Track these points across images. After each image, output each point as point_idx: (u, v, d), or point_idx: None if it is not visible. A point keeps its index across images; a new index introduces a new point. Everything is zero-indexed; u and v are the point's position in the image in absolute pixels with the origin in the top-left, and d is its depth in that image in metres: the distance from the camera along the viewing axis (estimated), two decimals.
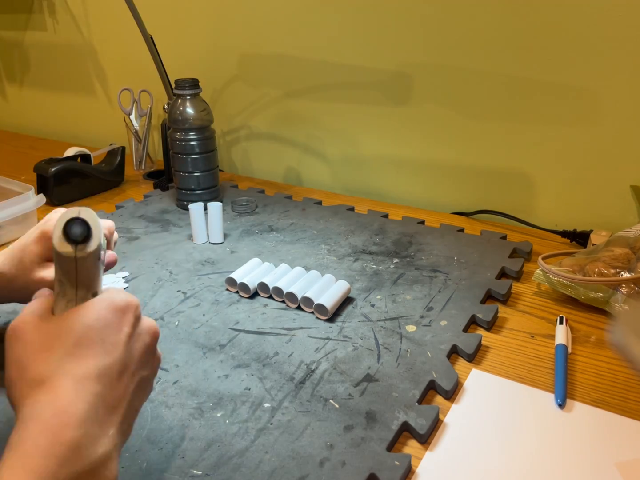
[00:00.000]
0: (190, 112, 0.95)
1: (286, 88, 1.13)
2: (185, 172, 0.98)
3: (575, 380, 0.59)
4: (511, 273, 0.78)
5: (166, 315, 0.69)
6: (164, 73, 1.03)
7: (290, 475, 0.47)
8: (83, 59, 1.41)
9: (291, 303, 0.71)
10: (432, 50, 0.95)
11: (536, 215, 0.96)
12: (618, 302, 0.67)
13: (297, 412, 0.53)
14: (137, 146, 1.22)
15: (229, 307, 0.71)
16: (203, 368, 0.60)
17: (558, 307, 0.72)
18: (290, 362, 0.60)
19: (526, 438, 0.51)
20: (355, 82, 1.05)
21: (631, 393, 0.57)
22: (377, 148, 1.08)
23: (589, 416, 0.54)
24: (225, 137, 1.26)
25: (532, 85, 0.89)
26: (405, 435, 0.52)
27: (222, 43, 1.16)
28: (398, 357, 0.61)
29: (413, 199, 1.07)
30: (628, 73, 0.82)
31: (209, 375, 0.58)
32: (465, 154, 0.99)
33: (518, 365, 0.61)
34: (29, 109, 1.62)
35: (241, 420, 0.53)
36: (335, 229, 0.92)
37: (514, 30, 0.87)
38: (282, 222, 0.95)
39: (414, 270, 0.78)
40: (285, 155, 1.20)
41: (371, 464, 0.47)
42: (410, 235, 0.89)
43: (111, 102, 1.42)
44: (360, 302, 0.71)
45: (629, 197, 0.88)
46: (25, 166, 1.26)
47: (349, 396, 0.55)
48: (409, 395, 0.55)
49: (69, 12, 1.37)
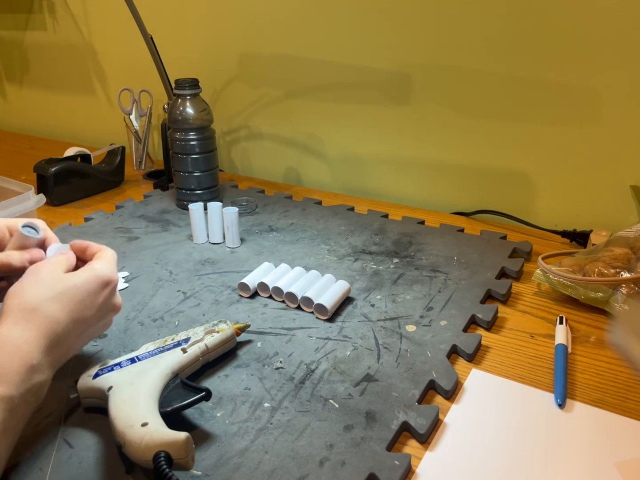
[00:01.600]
0: (191, 112, 0.95)
1: (286, 88, 1.13)
2: (185, 172, 0.98)
3: (575, 380, 0.59)
4: (511, 273, 0.78)
5: (166, 315, 0.69)
6: (164, 73, 1.03)
7: (290, 475, 0.47)
8: (83, 59, 1.41)
9: (291, 303, 0.71)
10: (432, 50, 0.95)
11: (536, 215, 0.96)
12: (618, 302, 0.67)
13: (297, 412, 0.53)
14: (137, 146, 1.22)
15: (228, 307, 0.71)
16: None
17: (558, 307, 0.72)
18: (290, 362, 0.60)
19: (526, 438, 0.51)
20: (355, 82, 1.05)
21: (631, 393, 0.57)
22: (376, 148, 1.08)
23: (589, 416, 0.54)
24: (225, 137, 1.25)
25: (532, 85, 0.89)
26: (405, 435, 0.52)
27: (222, 43, 1.16)
28: (398, 357, 0.61)
29: (412, 198, 1.07)
30: (628, 73, 0.82)
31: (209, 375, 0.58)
32: (465, 154, 0.99)
33: (518, 365, 0.61)
34: (29, 109, 1.62)
35: (241, 420, 0.52)
36: (335, 229, 0.92)
37: (514, 30, 0.87)
38: (282, 222, 0.95)
39: (414, 270, 0.78)
40: (285, 155, 1.20)
41: (371, 463, 0.47)
42: (410, 235, 0.89)
43: (111, 102, 1.42)
44: (360, 302, 0.71)
45: (629, 197, 0.88)
46: (25, 166, 1.26)
47: (348, 396, 0.55)
48: (408, 395, 0.55)
49: (69, 12, 1.37)
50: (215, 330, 0.59)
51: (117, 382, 0.51)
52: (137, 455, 0.44)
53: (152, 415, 0.47)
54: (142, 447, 0.44)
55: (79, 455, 0.49)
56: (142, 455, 0.44)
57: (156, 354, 0.54)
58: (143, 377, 0.51)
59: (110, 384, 0.51)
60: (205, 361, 0.58)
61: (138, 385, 0.50)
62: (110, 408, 0.48)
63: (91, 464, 0.48)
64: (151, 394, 0.50)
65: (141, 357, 0.54)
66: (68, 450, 0.49)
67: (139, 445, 0.44)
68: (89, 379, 0.52)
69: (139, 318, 0.69)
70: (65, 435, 0.51)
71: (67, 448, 0.50)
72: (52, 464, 0.48)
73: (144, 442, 0.44)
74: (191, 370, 0.56)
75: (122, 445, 0.45)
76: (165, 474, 0.42)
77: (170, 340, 0.57)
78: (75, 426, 0.52)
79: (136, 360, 0.54)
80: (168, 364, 0.53)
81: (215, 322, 0.60)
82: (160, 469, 0.42)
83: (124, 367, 0.53)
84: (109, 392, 0.50)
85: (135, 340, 0.64)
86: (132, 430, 0.45)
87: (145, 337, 0.65)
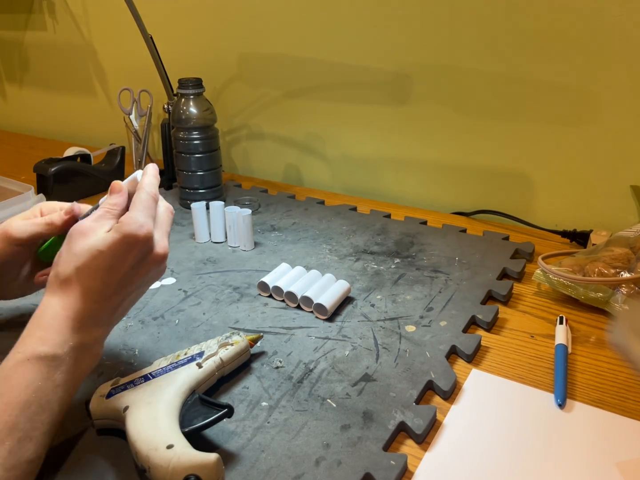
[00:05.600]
0: (194, 111, 0.95)
1: (286, 88, 1.13)
2: (188, 171, 0.98)
3: (575, 380, 0.58)
4: (512, 274, 0.78)
5: (166, 314, 0.69)
6: (164, 73, 1.03)
7: (285, 474, 0.46)
8: (83, 59, 1.41)
9: (291, 302, 0.71)
10: (432, 50, 0.95)
11: (536, 215, 0.96)
12: (618, 302, 0.67)
13: (295, 411, 0.53)
14: (137, 146, 1.22)
15: (229, 305, 0.71)
16: None
17: (558, 307, 0.71)
18: (289, 361, 0.60)
19: (526, 438, 0.51)
20: (355, 82, 1.04)
21: (631, 393, 0.57)
22: (376, 148, 1.08)
23: (589, 416, 0.53)
24: (225, 137, 1.25)
25: (532, 85, 0.89)
26: (403, 435, 0.52)
27: (222, 43, 1.16)
28: (397, 357, 0.60)
29: (412, 198, 1.07)
30: (628, 73, 0.82)
31: None
32: (465, 154, 0.99)
33: (518, 365, 0.61)
34: (29, 109, 1.62)
35: (238, 418, 0.52)
36: (337, 229, 0.92)
37: (514, 30, 0.87)
38: (284, 222, 0.95)
39: (415, 271, 0.78)
40: (285, 155, 1.19)
41: (367, 463, 0.47)
42: (412, 236, 0.89)
43: (111, 102, 1.42)
44: (360, 302, 0.71)
45: (629, 197, 0.87)
46: (25, 166, 1.26)
47: (346, 396, 0.55)
48: (406, 396, 0.55)
49: (68, 12, 1.37)
50: (229, 343, 0.57)
51: (133, 402, 0.48)
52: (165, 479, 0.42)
53: (176, 436, 0.45)
54: (169, 471, 0.42)
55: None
56: (170, 479, 0.42)
57: (170, 370, 0.52)
58: (160, 395, 0.49)
59: (125, 403, 0.49)
60: (221, 375, 0.56)
61: (156, 405, 0.48)
62: (130, 430, 0.46)
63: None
64: (171, 412, 0.47)
65: (155, 374, 0.52)
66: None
67: (166, 469, 0.42)
68: (102, 399, 0.50)
69: (140, 316, 0.69)
70: (80, 459, 0.49)
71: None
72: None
73: (171, 465, 0.42)
74: (207, 385, 0.54)
75: (147, 469, 0.43)
76: None
77: (183, 355, 0.54)
78: (89, 450, 0.50)
79: (150, 377, 0.51)
80: (184, 380, 0.51)
81: (228, 335, 0.58)
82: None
83: (137, 385, 0.51)
84: (125, 412, 0.48)
85: (135, 338, 0.64)
86: (158, 454, 0.43)
87: (146, 335, 0.65)
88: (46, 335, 0.45)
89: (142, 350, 0.62)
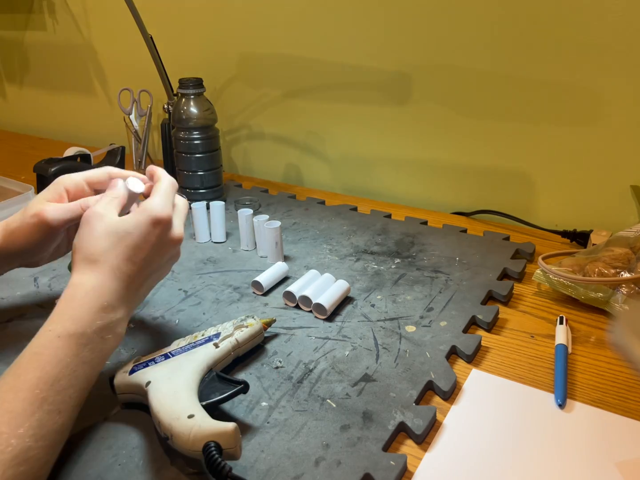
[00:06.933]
0: (194, 111, 0.95)
1: (286, 88, 1.13)
2: (189, 171, 0.98)
3: (575, 380, 0.58)
4: (513, 274, 0.78)
5: (166, 314, 0.69)
6: (164, 73, 1.03)
7: (285, 474, 0.46)
8: (83, 59, 1.41)
9: (290, 302, 0.71)
10: (432, 50, 0.95)
11: (536, 215, 0.96)
12: (618, 302, 0.67)
13: (294, 411, 0.53)
14: (137, 146, 1.22)
15: (229, 305, 0.71)
16: None
17: (558, 307, 0.71)
18: (289, 361, 0.60)
19: (526, 438, 0.51)
20: (355, 82, 1.04)
21: (631, 393, 0.57)
22: (376, 148, 1.08)
23: (589, 416, 0.53)
24: (225, 137, 1.25)
25: (532, 85, 0.89)
26: (403, 435, 0.52)
27: (222, 43, 1.16)
28: (397, 358, 0.60)
29: (412, 198, 1.07)
30: (628, 73, 0.81)
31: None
32: (465, 154, 0.99)
33: (518, 366, 0.61)
34: (29, 109, 1.62)
35: (238, 418, 0.52)
36: (337, 229, 0.92)
37: (514, 30, 0.87)
38: (284, 222, 0.95)
39: (415, 271, 0.78)
40: (285, 155, 1.19)
41: (366, 463, 0.47)
42: (412, 236, 0.89)
43: (111, 102, 1.42)
44: (361, 302, 0.71)
45: (629, 197, 0.87)
46: (25, 166, 1.26)
47: (346, 396, 0.55)
48: (406, 396, 0.55)
49: (68, 12, 1.37)
50: (244, 325, 0.60)
51: (154, 377, 0.52)
52: (186, 446, 0.45)
53: (196, 407, 0.48)
54: (191, 438, 0.44)
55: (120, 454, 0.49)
56: (192, 446, 0.44)
57: (189, 349, 0.56)
58: (179, 371, 0.52)
59: (148, 379, 0.52)
60: (236, 356, 0.59)
61: (176, 380, 0.51)
62: (152, 402, 0.49)
63: (133, 457, 0.49)
64: (190, 387, 0.50)
65: (174, 353, 0.55)
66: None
67: (187, 436, 0.45)
68: (126, 375, 0.53)
69: (140, 316, 0.69)
70: (108, 429, 0.52)
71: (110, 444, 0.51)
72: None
73: (192, 433, 0.45)
74: (223, 364, 0.57)
75: (169, 437, 0.46)
76: (218, 463, 0.43)
77: (200, 336, 0.58)
78: (116, 422, 0.53)
79: (170, 355, 0.55)
80: (202, 358, 0.54)
81: (243, 317, 0.61)
82: (212, 458, 0.43)
83: (158, 362, 0.54)
84: (148, 387, 0.51)
85: (135, 338, 0.64)
86: (179, 423, 0.46)
87: (145, 335, 0.65)
88: (76, 314, 0.48)
89: (142, 350, 0.63)
